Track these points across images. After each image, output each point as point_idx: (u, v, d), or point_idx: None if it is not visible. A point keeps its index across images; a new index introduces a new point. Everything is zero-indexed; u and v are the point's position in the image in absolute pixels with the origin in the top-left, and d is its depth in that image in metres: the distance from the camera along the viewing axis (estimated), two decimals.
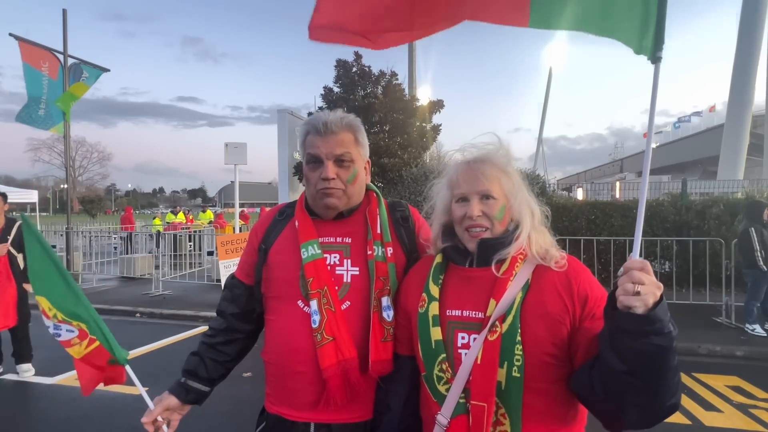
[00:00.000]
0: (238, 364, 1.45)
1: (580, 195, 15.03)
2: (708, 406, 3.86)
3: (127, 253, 12.75)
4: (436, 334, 1.06)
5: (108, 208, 60.96)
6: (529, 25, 1.12)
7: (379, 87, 10.74)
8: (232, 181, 8.85)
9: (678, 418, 3.57)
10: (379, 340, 1.18)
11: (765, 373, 4.63)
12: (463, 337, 1.04)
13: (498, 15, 1.17)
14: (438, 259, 1.17)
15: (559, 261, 1.06)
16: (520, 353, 0.97)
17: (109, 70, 11.27)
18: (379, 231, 1.30)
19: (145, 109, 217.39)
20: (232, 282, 1.43)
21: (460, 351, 1.04)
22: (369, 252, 1.26)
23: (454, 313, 1.07)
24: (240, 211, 9.55)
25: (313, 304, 1.20)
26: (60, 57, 10.40)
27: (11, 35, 9.81)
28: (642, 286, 0.81)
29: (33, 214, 14.15)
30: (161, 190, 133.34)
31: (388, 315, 1.21)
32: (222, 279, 6.55)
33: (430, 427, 1.05)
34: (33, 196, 14.12)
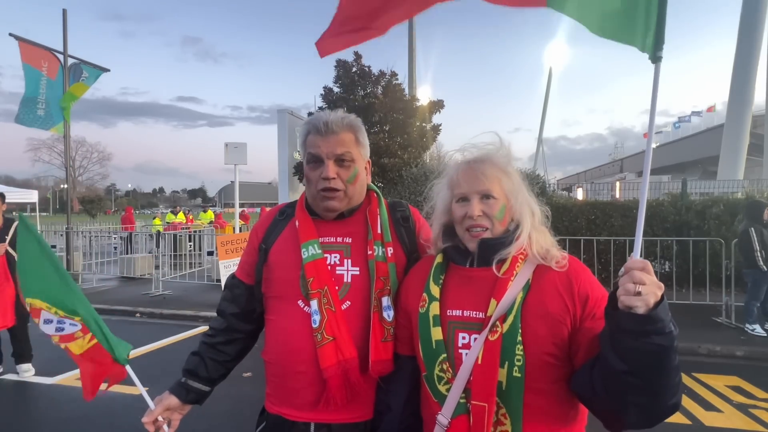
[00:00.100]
0: (238, 364, 1.45)
1: (580, 195, 15.03)
2: (708, 406, 3.86)
3: (127, 253, 12.75)
4: (437, 334, 1.06)
5: (108, 208, 60.93)
6: (546, 4, 1.10)
7: (379, 87, 10.74)
8: (232, 181, 8.86)
9: (678, 418, 3.57)
10: (379, 340, 1.18)
11: (765, 373, 4.63)
12: (463, 337, 1.04)
13: None
14: (438, 259, 1.17)
15: (560, 261, 1.06)
16: (521, 353, 0.97)
17: (109, 70, 11.26)
18: (379, 231, 1.30)
19: (145, 109, 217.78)
20: (233, 282, 1.43)
21: (460, 351, 1.04)
22: (369, 252, 1.26)
23: (454, 313, 1.07)
24: (240, 211, 9.55)
25: (314, 304, 1.20)
26: (60, 57, 10.39)
27: (11, 35, 9.82)
28: (643, 286, 0.82)
29: (33, 214, 14.12)
30: (161, 190, 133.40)
31: (389, 315, 1.21)
32: (222, 279, 6.56)
33: (431, 427, 1.05)
34: (33, 196, 14.10)
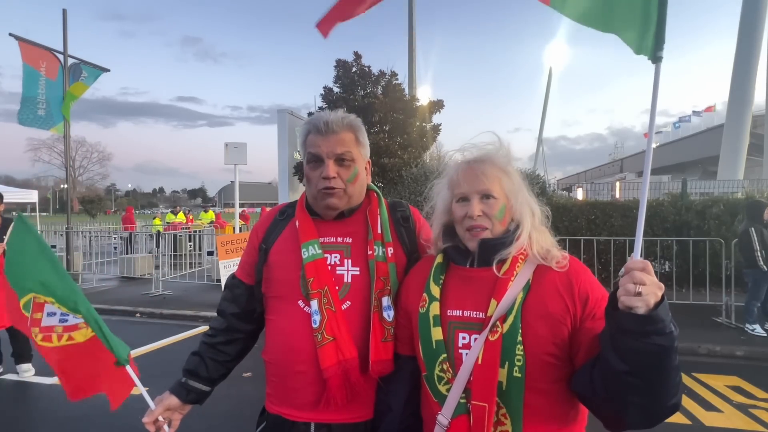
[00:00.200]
0: (238, 363, 1.45)
1: (580, 195, 15.03)
2: (708, 406, 3.86)
3: (127, 253, 12.75)
4: (437, 334, 1.06)
5: (108, 208, 60.98)
6: (550, 3, 1.11)
7: (379, 87, 10.74)
8: (232, 181, 8.86)
9: (678, 418, 3.57)
10: (379, 340, 1.18)
11: (765, 373, 4.63)
12: (463, 338, 1.04)
13: None
14: (439, 259, 1.17)
15: (560, 261, 1.06)
16: (521, 353, 0.97)
17: (108, 70, 11.26)
18: (379, 231, 1.30)
19: (145, 109, 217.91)
20: (233, 282, 1.43)
21: (460, 351, 1.04)
22: (369, 252, 1.26)
23: (454, 313, 1.07)
24: (240, 211, 9.55)
25: (314, 304, 1.20)
26: (60, 57, 10.39)
27: (11, 35, 9.81)
28: (643, 287, 0.82)
29: (33, 214, 14.11)
30: (161, 190, 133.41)
31: (389, 315, 1.21)
32: (222, 279, 6.56)
33: (431, 427, 1.05)
34: (33, 196, 14.09)
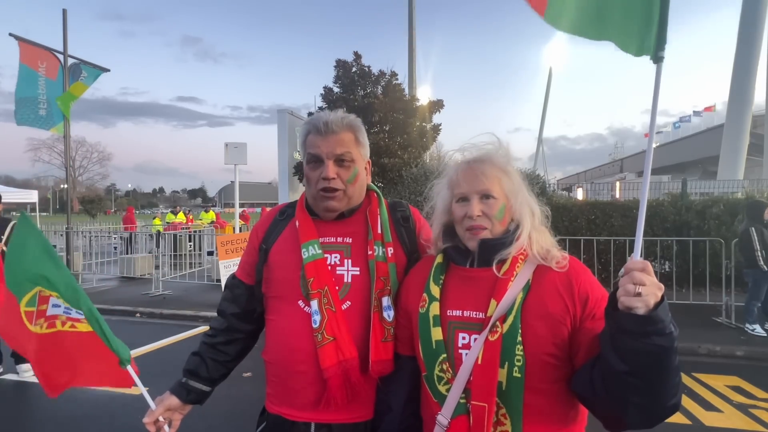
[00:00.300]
0: (238, 364, 1.45)
1: (580, 195, 15.03)
2: (708, 406, 3.86)
3: (127, 253, 12.76)
4: (437, 334, 1.06)
5: (108, 208, 60.94)
6: (544, 16, 1.10)
7: (379, 87, 10.74)
8: (232, 181, 8.86)
9: (678, 418, 3.57)
10: (379, 340, 1.18)
11: (765, 373, 4.63)
12: (463, 338, 1.04)
13: None
14: (439, 259, 1.17)
15: (560, 261, 1.06)
16: (521, 353, 0.97)
17: (108, 70, 11.26)
18: (379, 231, 1.30)
19: (144, 109, 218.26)
20: (233, 282, 1.43)
21: (460, 351, 1.04)
22: (370, 252, 1.26)
23: (454, 314, 1.07)
24: (240, 211, 9.55)
25: (314, 304, 1.20)
26: (60, 57, 10.39)
27: (11, 35, 9.81)
28: (643, 287, 0.82)
29: (33, 214, 14.13)
30: (161, 190, 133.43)
31: (389, 315, 1.21)
32: (222, 279, 6.56)
33: (431, 427, 1.05)
34: (33, 196, 14.12)
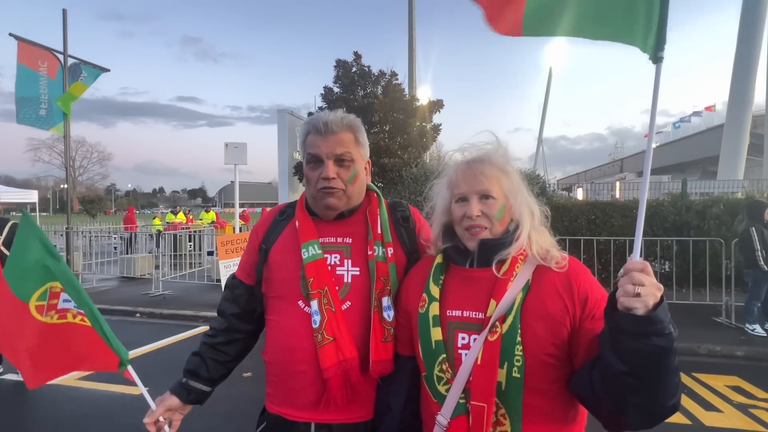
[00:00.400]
0: (239, 364, 1.46)
1: (580, 195, 15.03)
2: (708, 406, 3.86)
3: (127, 253, 12.76)
4: (437, 334, 1.06)
5: (108, 208, 60.98)
6: (522, 34, 1.13)
7: (379, 87, 10.75)
8: (232, 181, 8.87)
9: (678, 418, 3.57)
10: (379, 340, 1.18)
11: (765, 373, 4.63)
12: (463, 338, 1.04)
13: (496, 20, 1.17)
14: (438, 259, 1.17)
15: (560, 261, 1.06)
16: (521, 354, 0.97)
17: (108, 70, 11.24)
18: (379, 231, 1.30)
19: (144, 109, 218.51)
20: (233, 282, 1.43)
21: (460, 351, 1.04)
22: (369, 252, 1.26)
23: (454, 314, 1.08)
24: (240, 211, 9.55)
25: (314, 304, 1.21)
26: (60, 57, 10.39)
27: (11, 35, 9.81)
28: (642, 288, 0.82)
29: (33, 214, 14.14)
30: (161, 190, 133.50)
31: (389, 315, 1.21)
32: (222, 279, 6.56)
33: (430, 427, 1.05)
34: (33, 196, 14.13)
